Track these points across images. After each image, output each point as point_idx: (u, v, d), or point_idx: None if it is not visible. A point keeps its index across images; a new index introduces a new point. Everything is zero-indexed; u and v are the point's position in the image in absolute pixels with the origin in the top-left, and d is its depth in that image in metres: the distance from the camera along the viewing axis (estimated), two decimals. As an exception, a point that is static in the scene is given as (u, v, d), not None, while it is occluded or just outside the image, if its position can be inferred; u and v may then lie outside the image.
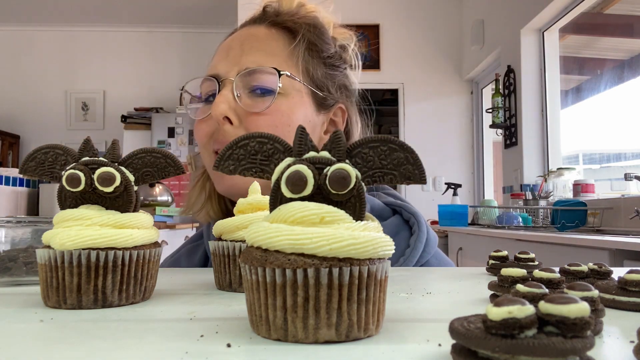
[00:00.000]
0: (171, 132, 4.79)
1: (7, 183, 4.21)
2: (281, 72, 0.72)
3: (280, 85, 0.72)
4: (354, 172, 0.32)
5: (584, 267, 0.48)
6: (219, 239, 0.54)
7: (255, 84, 0.72)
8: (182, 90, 0.81)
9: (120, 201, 0.43)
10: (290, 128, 0.72)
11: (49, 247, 0.42)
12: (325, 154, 0.32)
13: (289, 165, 0.32)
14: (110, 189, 0.42)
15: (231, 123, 0.71)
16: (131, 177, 0.44)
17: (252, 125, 0.71)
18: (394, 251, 0.33)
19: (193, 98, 0.81)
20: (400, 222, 0.77)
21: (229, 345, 0.29)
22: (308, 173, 0.31)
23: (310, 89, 0.76)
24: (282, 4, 0.79)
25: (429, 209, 4.31)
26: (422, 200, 4.59)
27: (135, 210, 0.45)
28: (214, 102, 0.71)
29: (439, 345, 0.29)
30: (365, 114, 0.86)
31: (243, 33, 0.77)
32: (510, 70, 3.77)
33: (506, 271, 0.42)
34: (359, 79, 0.86)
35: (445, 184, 4.16)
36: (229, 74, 0.73)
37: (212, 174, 0.78)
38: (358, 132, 0.84)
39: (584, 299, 0.30)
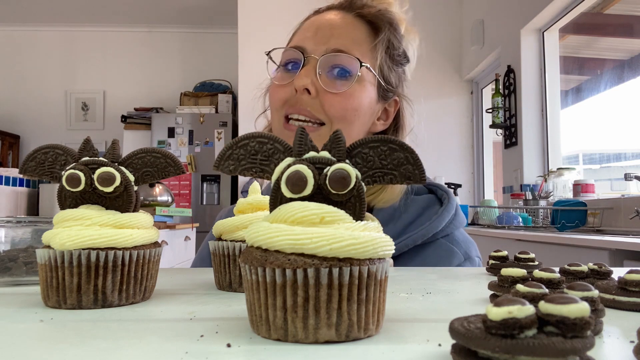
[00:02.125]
0: (171, 132, 4.79)
1: (7, 183, 4.21)
2: (362, 64, 0.80)
3: (360, 74, 0.80)
4: (354, 172, 0.32)
5: (584, 267, 0.48)
6: (219, 239, 0.54)
7: (338, 64, 0.80)
8: (268, 55, 0.87)
9: (120, 201, 0.43)
10: (357, 113, 0.81)
11: (49, 247, 0.42)
12: (325, 154, 0.32)
13: (289, 165, 0.32)
14: (110, 189, 0.42)
15: (309, 93, 0.79)
16: (131, 177, 0.44)
17: (327, 102, 0.79)
18: (393, 251, 0.33)
19: (272, 63, 0.87)
20: (434, 198, 0.89)
21: (229, 345, 0.29)
22: (308, 173, 0.31)
23: (378, 81, 0.84)
24: None
25: (429, 209, 4.30)
26: (422, 200, 4.58)
27: (135, 210, 0.45)
28: (300, 74, 0.79)
29: (439, 345, 0.29)
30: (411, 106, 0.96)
31: (332, 17, 0.84)
32: (510, 70, 3.77)
33: (506, 271, 0.42)
34: (412, 73, 0.95)
35: (445, 184, 4.16)
36: (315, 51, 0.80)
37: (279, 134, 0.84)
38: (407, 122, 0.94)
39: (584, 299, 0.30)
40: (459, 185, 4.07)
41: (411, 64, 0.94)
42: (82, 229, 0.41)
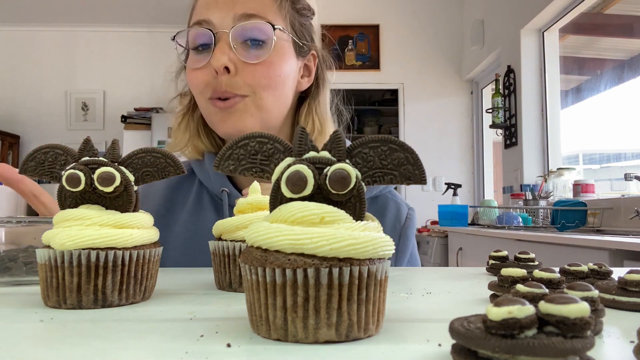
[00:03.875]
0: (171, 132, 4.79)
1: (7, 183, 4.21)
2: (275, 26, 0.79)
3: (275, 39, 0.79)
4: (354, 172, 0.32)
5: (584, 267, 0.48)
6: (219, 239, 0.54)
7: (251, 35, 0.78)
8: (173, 40, 0.85)
9: (120, 201, 0.43)
10: (280, 78, 0.80)
11: (49, 247, 0.42)
12: (325, 153, 0.32)
13: (289, 165, 0.32)
14: (110, 189, 0.42)
15: (228, 72, 0.77)
16: (131, 177, 0.44)
17: (249, 75, 0.78)
18: (394, 251, 0.33)
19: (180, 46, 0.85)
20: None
21: (229, 345, 0.29)
22: (308, 173, 0.31)
23: (293, 39, 0.83)
24: None
25: (429, 209, 4.31)
26: (422, 200, 4.59)
27: (135, 210, 0.45)
28: (215, 54, 0.76)
29: (439, 345, 0.29)
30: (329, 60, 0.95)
31: None
32: (510, 70, 3.77)
33: (506, 271, 0.42)
34: (318, 30, 0.94)
35: (445, 184, 4.16)
36: (223, 23, 0.77)
37: (209, 117, 0.84)
38: (327, 76, 0.92)
39: (584, 299, 0.30)
40: (459, 185, 4.07)
41: (315, 17, 0.92)
42: (82, 229, 0.41)
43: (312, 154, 0.33)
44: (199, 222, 0.85)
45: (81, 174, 0.41)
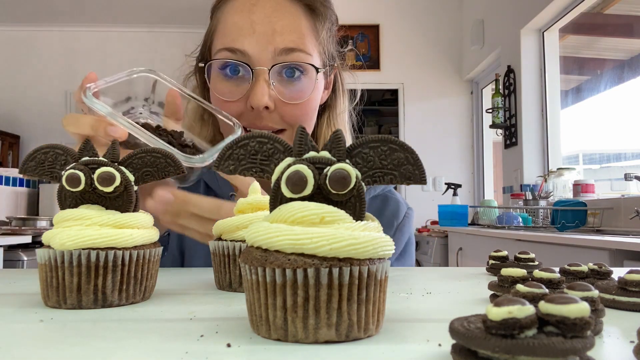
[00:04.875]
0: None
1: (7, 183, 4.21)
2: (318, 69, 0.76)
3: (317, 80, 0.77)
4: (354, 172, 0.32)
5: (584, 267, 0.48)
6: (219, 239, 0.54)
7: (290, 66, 0.74)
8: (204, 67, 0.78)
9: (120, 201, 0.43)
10: (315, 110, 0.81)
11: (49, 247, 0.42)
12: (325, 154, 0.32)
13: (289, 165, 0.32)
14: (110, 189, 0.42)
15: (267, 109, 0.74)
16: (131, 177, 0.44)
17: (288, 114, 0.76)
18: (394, 251, 0.33)
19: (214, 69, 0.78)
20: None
21: (229, 345, 0.29)
22: (308, 173, 0.31)
23: (325, 65, 0.81)
24: None
25: (429, 209, 4.31)
26: (422, 200, 4.59)
27: (135, 210, 0.45)
28: (256, 94, 0.72)
29: (439, 345, 0.29)
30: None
31: (264, 3, 0.74)
32: (510, 70, 3.77)
33: (506, 271, 0.42)
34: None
35: (445, 184, 4.16)
36: (261, 59, 0.73)
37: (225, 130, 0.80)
38: (345, 85, 0.91)
39: (584, 299, 0.30)
40: (459, 185, 4.07)
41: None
42: (82, 229, 0.41)
43: (312, 154, 0.33)
44: None
45: (81, 174, 0.41)
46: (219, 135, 0.87)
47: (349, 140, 0.89)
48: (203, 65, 0.79)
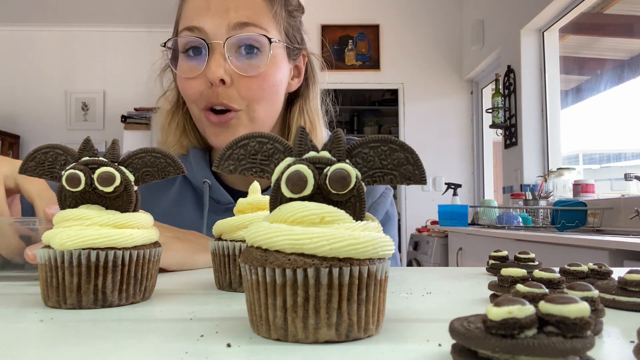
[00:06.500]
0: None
1: (7, 183, 4.20)
2: (271, 40, 0.78)
3: (271, 52, 0.78)
4: (354, 172, 0.32)
5: (584, 267, 0.48)
6: (219, 239, 0.54)
7: (246, 43, 0.77)
8: (164, 46, 0.83)
9: (120, 201, 0.43)
10: (274, 88, 0.81)
11: (49, 247, 0.42)
12: (325, 153, 0.32)
13: (289, 165, 0.32)
14: (110, 189, 0.42)
15: (224, 83, 0.77)
16: (131, 177, 0.44)
17: (244, 87, 0.78)
18: (394, 251, 0.33)
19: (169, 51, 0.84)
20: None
21: (229, 345, 0.29)
22: (308, 173, 0.31)
23: (285, 45, 0.82)
24: None
25: (429, 209, 4.31)
26: (422, 200, 4.59)
27: (135, 210, 0.45)
28: (210, 66, 0.75)
29: (439, 345, 0.29)
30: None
31: None
32: (510, 70, 3.77)
33: (506, 271, 0.42)
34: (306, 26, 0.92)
35: (445, 184, 4.16)
36: (217, 33, 0.76)
37: (202, 127, 0.84)
38: (317, 75, 0.92)
39: (584, 299, 0.30)
40: (459, 185, 4.07)
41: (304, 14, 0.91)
42: (82, 229, 0.41)
43: (312, 154, 0.33)
44: (180, 214, 0.87)
45: (81, 174, 0.41)
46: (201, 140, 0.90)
47: (324, 132, 0.90)
48: (164, 46, 0.83)
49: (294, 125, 0.88)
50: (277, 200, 0.33)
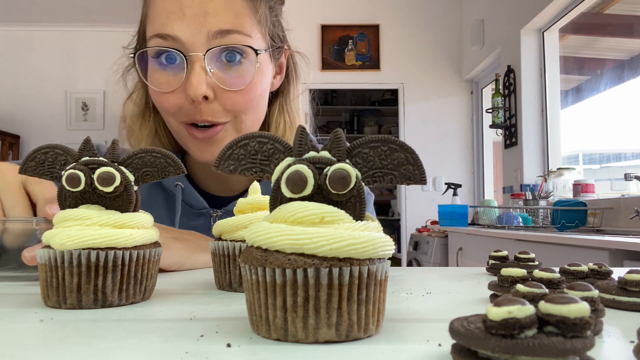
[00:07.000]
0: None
1: (7, 183, 4.20)
2: (257, 51, 0.70)
3: (258, 64, 0.71)
4: (354, 172, 0.32)
5: (584, 267, 0.48)
6: (219, 239, 0.54)
7: (228, 53, 0.70)
8: (133, 57, 0.74)
9: (120, 201, 0.43)
10: (260, 97, 0.74)
11: (49, 247, 0.42)
12: (325, 153, 0.32)
13: (289, 165, 0.32)
14: (110, 189, 0.42)
15: (207, 99, 0.69)
16: (131, 177, 0.44)
17: (229, 101, 0.71)
18: (394, 251, 0.33)
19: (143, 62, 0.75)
20: None
21: (229, 345, 0.29)
22: (308, 173, 0.31)
23: (270, 45, 0.76)
24: None
25: (429, 209, 4.31)
26: (422, 200, 4.59)
27: (135, 210, 0.45)
28: (191, 82, 0.67)
29: (439, 345, 0.29)
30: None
31: None
32: (510, 70, 3.77)
33: (506, 271, 0.42)
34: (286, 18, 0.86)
35: (445, 184, 4.16)
36: (195, 43, 0.67)
37: (183, 141, 0.77)
38: (299, 71, 0.86)
39: (584, 299, 0.30)
40: (459, 185, 4.07)
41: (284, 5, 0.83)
42: (82, 229, 0.41)
43: (312, 154, 0.33)
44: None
45: (81, 174, 0.41)
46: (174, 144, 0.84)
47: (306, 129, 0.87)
48: (133, 56, 0.74)
49: (273, 123, 0.83)
50: (277, 200, 0.33)
